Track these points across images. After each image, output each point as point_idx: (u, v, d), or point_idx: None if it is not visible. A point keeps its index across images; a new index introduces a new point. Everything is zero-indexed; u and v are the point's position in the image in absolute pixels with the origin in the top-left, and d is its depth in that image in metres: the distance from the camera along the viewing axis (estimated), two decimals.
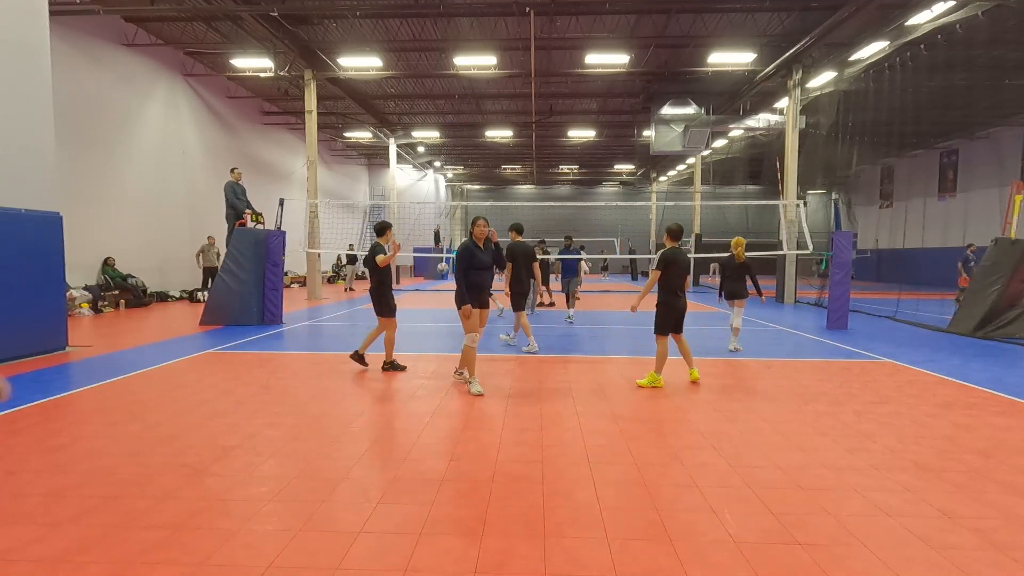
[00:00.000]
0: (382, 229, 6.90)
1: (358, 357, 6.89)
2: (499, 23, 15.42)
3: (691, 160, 27.95)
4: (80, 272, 13.38)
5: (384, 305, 6.69)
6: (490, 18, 15.14)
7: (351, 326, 11.16)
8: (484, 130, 25.90)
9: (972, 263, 14.00)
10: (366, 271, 25.94)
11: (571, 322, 11.48)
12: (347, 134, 26.70)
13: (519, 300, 8.35)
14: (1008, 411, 5.24)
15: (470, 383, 5.82)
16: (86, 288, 13.32)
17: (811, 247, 14.36)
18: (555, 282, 19.17)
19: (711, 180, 29.86)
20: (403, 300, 17.45)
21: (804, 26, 14.38)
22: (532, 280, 8.80)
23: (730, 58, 16.42)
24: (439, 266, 27.90)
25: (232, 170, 12.34)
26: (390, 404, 5.38)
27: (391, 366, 6.79)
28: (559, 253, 12.44)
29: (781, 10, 14.25)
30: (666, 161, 30.69)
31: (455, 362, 7.44)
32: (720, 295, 8.67)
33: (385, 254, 6.58)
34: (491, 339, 9.25)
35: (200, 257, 16.75)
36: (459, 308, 5.67)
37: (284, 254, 11.55)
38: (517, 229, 8.74)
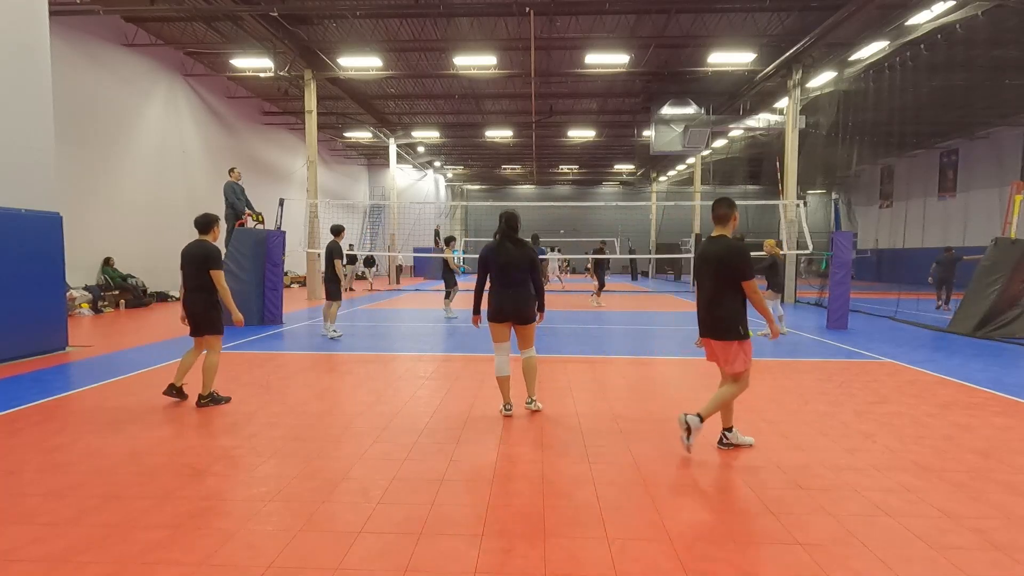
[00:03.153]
0: (208, 224, 5.44)
1: (212, 399, 5.32)
2: (499, 23, 15.42)
3: (691, 160, 27.93)
4: (80, 272, 13.37)
5: (218, 321, 5.41)
6: (490, 18, 15.15)
7: (351, 325, 11.15)
8: (484, 130, 25.91)
9: None
10: (365, 271, 25.95)
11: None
12: (347, 134, 26.70)
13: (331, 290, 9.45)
14: (1008, 411, 5.24)
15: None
16: (86, 288, 13.32)
17: (811, 247, 14.36)
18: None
19: (711, 180, 29.84)
20: (402, 300, 17.46)
21: (804, 26, 14.38)
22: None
23: (730, 58, 16.42)
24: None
25: (231, 170, 12.33)
26: (390, 404, 5.38)
27: (211, 399, 5.27)
28: None
29: (781, 10, 14.25)
30: (666, 161, 30.68)
31: (454, 362, 7.44)
32: (767, 288, 9.70)
33: (219, 257, 5.33)
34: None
35: None
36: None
37: (284, 254, 11.55)
38: (334, 231, 9.79)
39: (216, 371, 5.32)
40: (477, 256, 5.42)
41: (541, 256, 12.38)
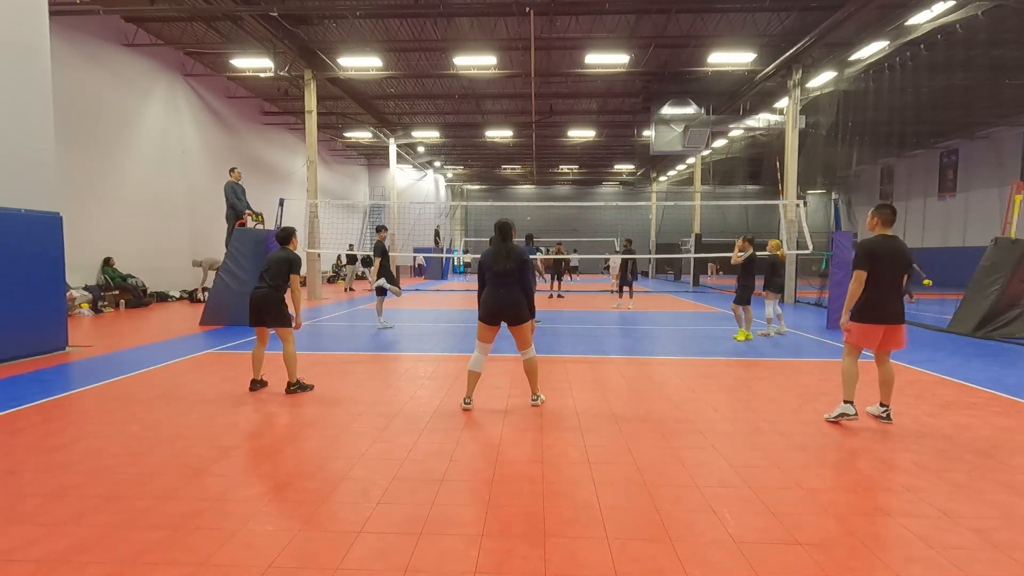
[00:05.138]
0: (287, 236, 5.90)
1: (299, 386, 5.78)
2: (499, 23, 15.42)
3: (691, 160, 27.94)
4: (80, 272, 13.37)
5: (287, 316, 5.75)
6: (490, 18, 15.15)
7: (351, 326, 11.16)
8: (484, 130, 25.91)
9: None
10: (366, 271, 25.98)
11: (538, 323, 11.12)
12: (347, 134, 26.70)
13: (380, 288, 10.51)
14: (1008, 411, 5.24)
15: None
16: (86, 288, 13.32)
17: (811, 247, 14.35)
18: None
19: (711, 180, 29.84)
20: (403, 300, 17.42)
21: (804, 26, 14.38)
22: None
23: (730, 58, 16.42)
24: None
25: (232, 170, 12.33)
26: (390, 404, 5.38)
27: (299, 386, 5.76)
28: None
29: (781, 10, 14.25)
30: (666, 161, 30.68)
31: (454, 362, 7.42)
32: (764, 289, 9.94)
33: (300, 264, 5.84)
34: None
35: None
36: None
37: None
38: (378, 230, 10.69)
39: (295, 360, 5.73)
40: (477, 256, 5.55)
41: (532, 256, 12.44)
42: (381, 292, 10.52)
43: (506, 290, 5.04)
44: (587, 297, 18.92)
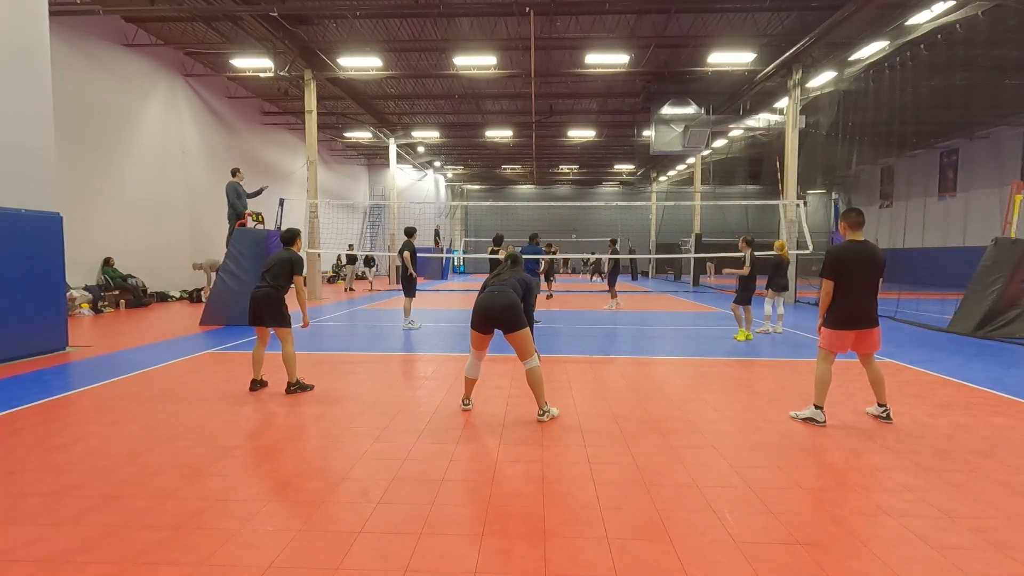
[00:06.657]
0: (291, 238, 5.98)
1: (299, 386, 5.78)
2: (499, 23, 15.42)
3: (691, 160, 27.92)
4: (80, 272, 13.37)
5: (287, 316, 5.75)
6: (490, 18, 15.14)
7: (351, 326, 11.16)
8: (484, 130, 25.90)
9: None
10: (366, 271, 25.92)
11: (538, 323, 11.00)
12: (347, 134, 26.69)
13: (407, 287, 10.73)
14: (1008, 411, 5.24)
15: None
16: (86, 288, 13.32)
17: (811, 247, 14.35)
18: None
19: (711, 180, 29.84)
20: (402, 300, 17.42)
21: (804, 26, 14.38)
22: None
23: (730, 58, 16.42)
24: None
25: (235, 171, 12.32)
26: (390, 404, 5.38)
27: (299, 386, 5.77)
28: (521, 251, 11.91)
29: (781, 10, 14.24)
30: (666, 161, 30.67)
31: (454, 362, 7.42)
32: (767, 288, 10.26)
33: (303, 265, 5.94)
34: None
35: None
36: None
37: None
38: (408, 233, 10.98)
39: (295, 360, 5.74)
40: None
41: (533, 256, 12.36)
42: (410, 293, 10.67)
43: (499, 291, 4.77)
44: (585, 297, 18.92)
